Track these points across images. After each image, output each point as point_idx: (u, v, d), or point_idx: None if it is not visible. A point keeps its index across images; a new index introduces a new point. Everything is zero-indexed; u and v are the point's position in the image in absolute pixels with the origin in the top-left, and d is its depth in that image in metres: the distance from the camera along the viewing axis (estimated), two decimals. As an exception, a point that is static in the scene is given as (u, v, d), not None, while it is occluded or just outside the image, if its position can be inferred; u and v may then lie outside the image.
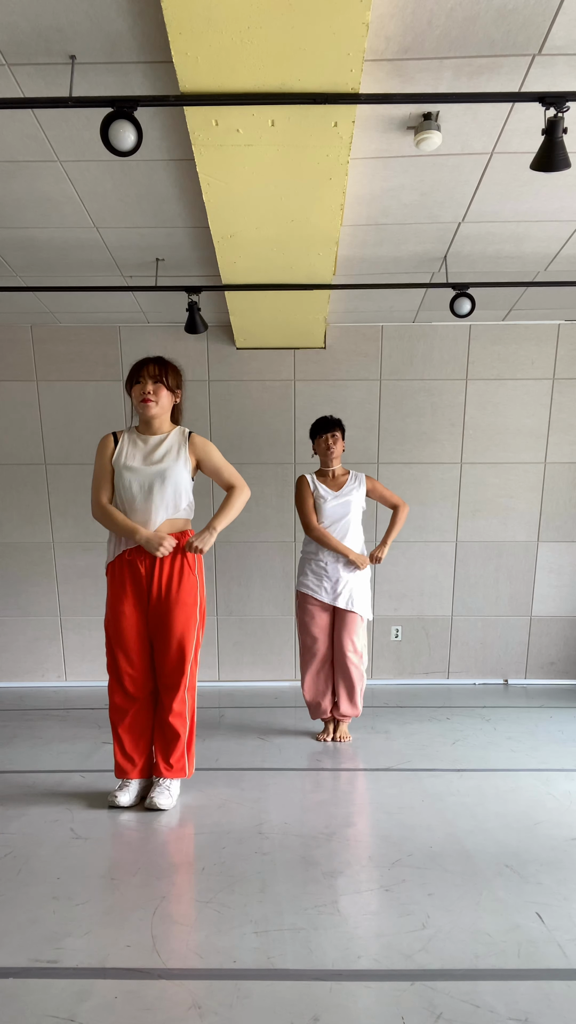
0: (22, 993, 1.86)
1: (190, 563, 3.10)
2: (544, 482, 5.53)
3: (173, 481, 3.05)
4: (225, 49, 2.24)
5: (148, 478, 3.04)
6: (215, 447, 3.22)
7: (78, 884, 2.44)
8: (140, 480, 3.05)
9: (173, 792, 3.12)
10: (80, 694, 5.37)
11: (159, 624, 3.07)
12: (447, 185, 3.36)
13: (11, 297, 4.84)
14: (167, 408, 3.13)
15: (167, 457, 3.08)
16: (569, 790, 3.32)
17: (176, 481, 3.06)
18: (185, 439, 3.14)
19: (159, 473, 3.05)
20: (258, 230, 3.43)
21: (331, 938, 2.10)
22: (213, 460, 3.18)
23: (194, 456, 3.14)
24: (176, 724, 3.07)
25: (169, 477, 3.04)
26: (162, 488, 3.04)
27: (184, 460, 3.09)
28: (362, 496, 4.09)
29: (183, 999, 1.83)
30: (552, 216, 3.67)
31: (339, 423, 4.12)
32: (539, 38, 2.40)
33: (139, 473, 3.05)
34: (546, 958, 2.01)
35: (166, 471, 3.05)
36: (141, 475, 3.05)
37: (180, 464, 3.08)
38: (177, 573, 3.07)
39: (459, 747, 4.00)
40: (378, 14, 2.27)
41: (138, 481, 3.05)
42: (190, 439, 3.15)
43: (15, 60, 2.50)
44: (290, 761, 3.76)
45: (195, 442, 3.15)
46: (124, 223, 3.76)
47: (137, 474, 3.05)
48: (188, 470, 3.11)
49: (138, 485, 3.04)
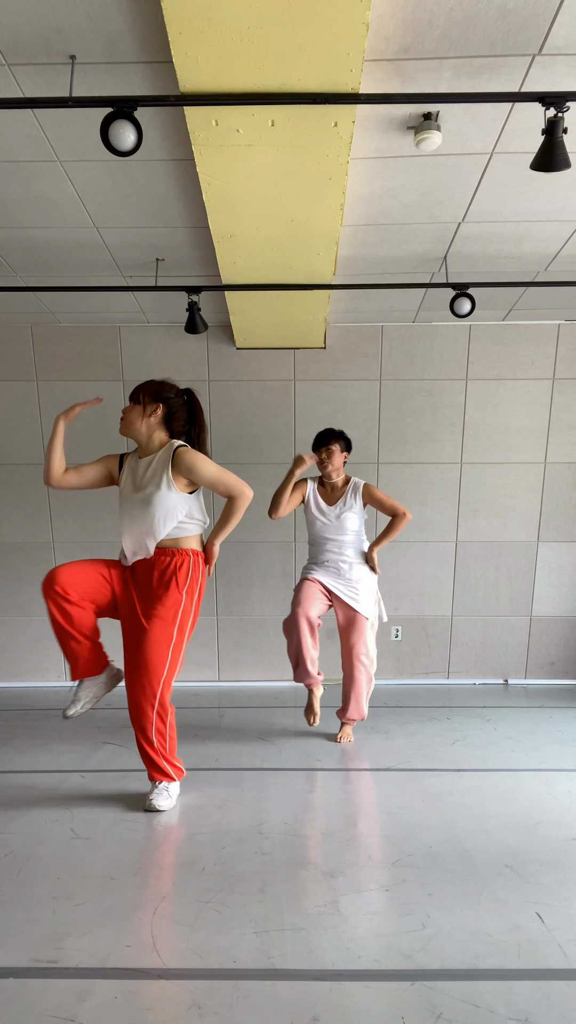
0: (22, 993, 1.86)
1: (179, 582, 3.09)
2: (544, 482, 5.53)
3: (160, 505, 3.05)
4: (225, 49, 2.24)
5: (136, 505, 3.10)
6: (205, 459, 3.12)
7: (78, 884, 2.44)
8: (130, 507, 3.12)
9: (172, 793, 3.12)
10: (80, 694, 5.36)
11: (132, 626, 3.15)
12: (447, 185, 3.36)
13: (11, 297, 4.84)
14: (139, 424, 3.14)
15: (151, 482, 3.09)
16: (569, 790, 3.32)
17: (163, 504, 3.05)
18: (170, 457, 3.09)
19: (144, 500, 3.07)
20: (258, 230, 3.43)
21: (331, 938, 2.10)
22: (204, 474, 3.09)
23: (180, 474, 3.09)
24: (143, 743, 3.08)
25: (154, 502, 3.05)
26: (147, 513, 3.06)
27: (168, 481, 3.06)
28: (359, 509, 4.06)
29: (183, 999, 1.83)
30: (552, 216, 3.67)
31: (338, 435, 4.05)
32: (539, 38, 2.40)
33: (129, 501, 3.13)
34: (546, 958, 2.01)
35: (151, 496, 3.06)
36: (130, 503, 3.12)
37: (163, 487, 3.05)
38: (164, 585, 3.10)
39: (459, 747, 4.00)
40: (378, 14, 2.27)
41: (129, 507, 3.12)
42: (175, 457, 3.08)
43: (15, 60, 2.50)
44: (290, 761, 3.76)
45: (181, 460, 3.07)
46: (124, 223, 3.76)
47: (128, 502, 3.14)
48: (174, 490, 3.07)
49: (129, 512, 3.12)
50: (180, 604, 3.08)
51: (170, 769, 3.12)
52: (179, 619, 3.07)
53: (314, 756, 3.84)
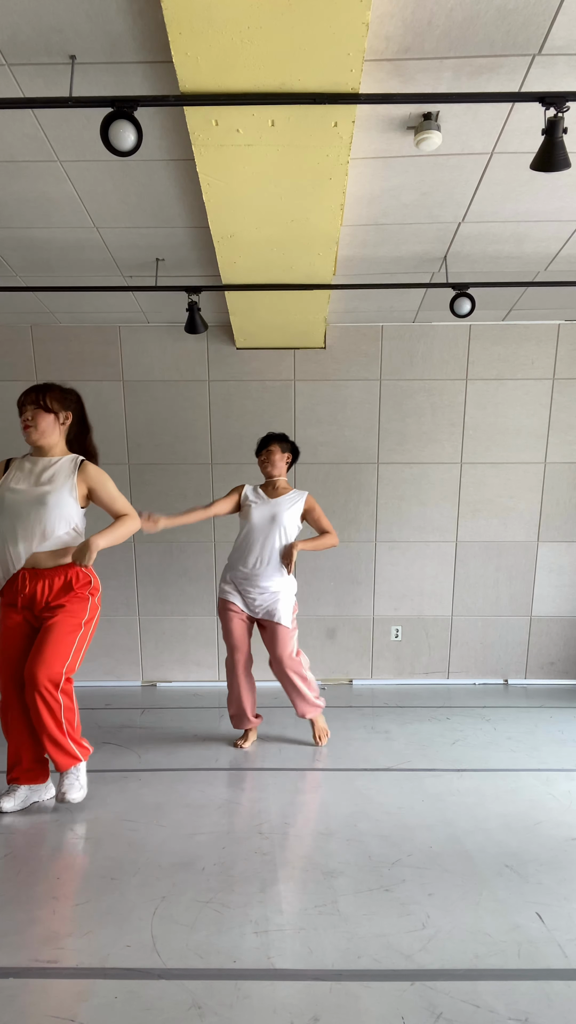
0: (22, 993, 1.86)
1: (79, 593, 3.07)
2: (544, 482, 5.53)
3: (57, 507, 2.98)
4: (225, 49, 2.24)
5: (28, 502, 2.99)
6: (110, 478, 3.13)
7: (78, 884, 2.44)
8: (21, 500, 3.00)
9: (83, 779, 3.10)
10: (80, 694, 5.35)
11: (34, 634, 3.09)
12: (447, 185, 3.36)
13: (11, 297, 4.84)
14: (50, 432, 3.06)
15: (54, 480, 3.02)
16: (569, 790, 3.32)
17: (60, 506, 2.99)
18: (75, 467, 3.07)
19: (39, 498, 2.99)
20: (258, 230, 3.43)
21: (331, 938, 2.10)
22: (108, 489, 3.10)
23: (84, 483, 3.06)
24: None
25: (50, 503, 2.98)
26: (42, 513, 2.97)
27: (71, 487, 3.03)
28: (296, 513, 3.95)
29: (183, 999, 1.83)
30: (552, 216, 3.67)
31: (278, 439, 4.04)
32: (539, 38, 2.40)
33: (22, 494, 3.01)
34: (546, 958, 2.01)
35: (46, 496, 2.99)
36: (24, 496, 3.00)
37: (65, 491, 3.01)
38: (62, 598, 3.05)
39: (459, 747, 4.00)
40: (378, 14, 2.27)
41: (20, 502, 3.00)
42: (81, 466, 3.08)
43: (15, 60, 2.50)
44: (290, 761, 3.76)
45: (87, 471, 3.07)
46: (124, 223, 3.76)
47: (20, 495, 3.01)
48: (75, 497, 3.04)
49: (17, 509, 2.99)
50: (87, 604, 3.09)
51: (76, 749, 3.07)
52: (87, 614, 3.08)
53: (314, 756, 3.84)
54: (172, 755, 3.84)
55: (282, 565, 3.89)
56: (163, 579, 5.60)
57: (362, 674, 5.66)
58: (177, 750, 3.93)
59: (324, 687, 5.53)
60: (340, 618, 5.65)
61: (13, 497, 3.01)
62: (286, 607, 3.92)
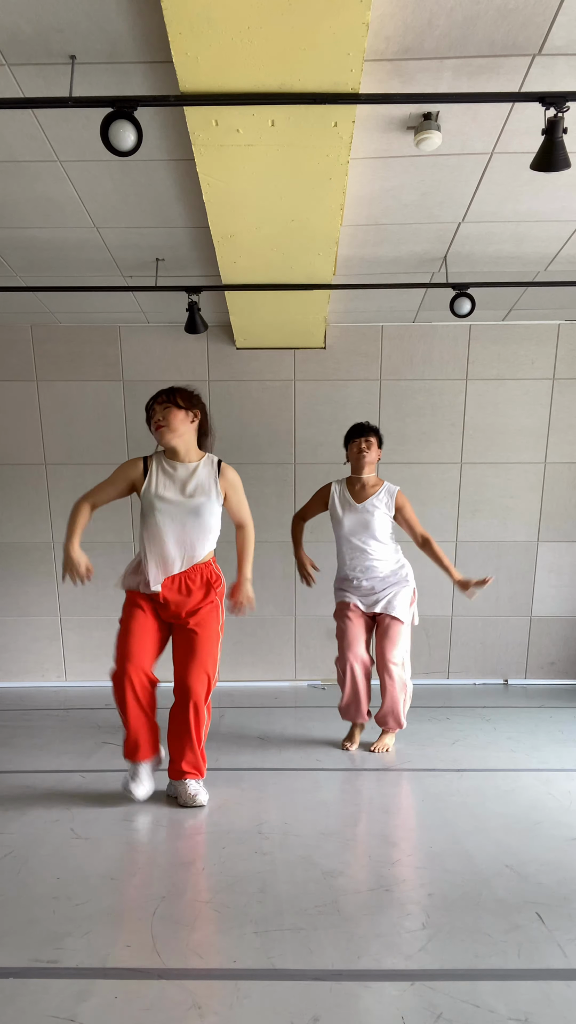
0: (22, 993, 1.86)
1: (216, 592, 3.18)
2: (544, 482, 5.53)
3: (212, 516, 3.08)
4: (225, 49, 2.24)
5: (184, 512, 3.04)
6: (241, 483, 3.20)
7: (78, 884, 2.44)
8: (175, 513, 3.04)
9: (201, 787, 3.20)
10: (80, 694, 5.37)
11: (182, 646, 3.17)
12: (447, 185, 3.36)
13: (11, 297, 4.84)
14: (183, 431, 3.05)
15: (200, 491, 3.06)
16: (569, 790, 3.32)
17: (214, 515, 3.09)
18: (215, 470, 3.12)
19: (195, 509, 3.04)
20: (258, 230, 3.42)
21: (331, 938, 2.10)
22: (240, 494, 3.19)
23: (224, 489, 3.13)
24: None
25: (205, 513, 3.05)
26: (199, 523, 3.05)
27: (217, 494, 3.09)
28: (388, 511, 3.88)
29: (183, 999, 1.83)
30: (552, 216, 3.67)
31: (374, 430, 3.94)
32: (539, 38, 2.40)
33: (174, 505, 3.04)
34: (546, 958, 2.01)
35: (202, 506, 3.04)
36: (177, 508, 3.04)
37: (214, 498, 3.08)
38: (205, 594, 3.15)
39: (459, 747, 4.00)
40: (378, 14, 2.27)
41: (173, 514, 3.04)
42: (220, 471, 3.12)
43: (15, 60, 2.50)
44: (290, 761, 3.76)
45: (226, 475, 3.13)
46: (124, 223, 3.76)
47: (172, 505, 3.04)
48: (220, 502, 3.11)
49: (173, 519, 3.03)
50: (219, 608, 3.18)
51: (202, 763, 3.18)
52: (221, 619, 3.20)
53: (314, 756, 3.84)
54: (172, 755, 3.84)
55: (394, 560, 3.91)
56: (163, 579, 5.59)
57: (362, 674, 5.66)
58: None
59: (324, 687, 5.53)
60: (340, 618, 5.64)
61: (164, 506, 3.03)
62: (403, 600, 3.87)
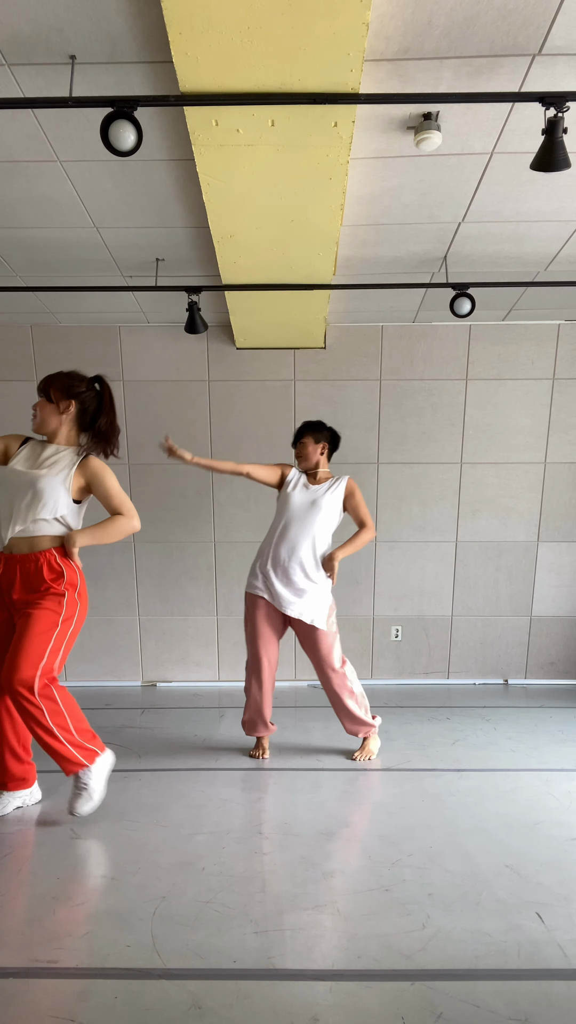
0: (22, 993, 1.86)
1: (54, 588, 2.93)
2: (544, 482, 5.53)
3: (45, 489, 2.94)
4: (225, 49, 2.24)
5: (25, 481, 2.96)
6: (113, 475, 3.07)
7: (78, 884, 2.44)
8: (18, 482, 2.98)
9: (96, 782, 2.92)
10: (79, 694, 5.36)
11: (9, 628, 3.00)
12: (447, 185, 3.36)
13: (11, 297, 4.84)
14: (48, 421, 3.06)
15: (52, 467, 2.99)
16: (569, 790, 3.32)
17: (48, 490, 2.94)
18: (76, 460, 3.03)
19: (34, 479, 2.95)
20: (258, 230, 3.43)
21: (331, 938, 2.10)
22: (105, 484, 3.03)
23: (81, 476, 3.02)
24: None
25: (41, 485, 2.94)
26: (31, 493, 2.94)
27: (66, 476, 2.98)
28: (337, 498, 3.79)
29: (183, 999, 1.83)
30: (552, 216, 3.67)
31: (312, 428, 3.90)
32: (539, 38, 2.40)
33: (20, 476, 2.99)
34: (546, 958, 2.01)
35: (40, 478, 2.95)
36: (21, 478, 2.98)
37: (60, 478, 2.97)
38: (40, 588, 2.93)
39: (459, 747, 4.00)
40: (378, 14, 2.27)
41: (16, 483, 2.98)
42: (83, 460, 3.03)
43: (15, 60, 2.50)
44: (290, 761, 3.76)
45: (88, 464, 3.03)
46: (124, 223, 3.76)
47: (18, 476, 2.99)
48: (67, 487, 2.98)
49: (14, 487, 2.97)
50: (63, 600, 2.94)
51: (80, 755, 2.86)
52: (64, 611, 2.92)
53: (314, 756, 3.84)
54: (172, 755, 3.84)
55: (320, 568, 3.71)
56: (163, 579, 5.60)
57: (362, 674, 5.66)
58: (177, 750, 3.93)
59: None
60: (340, 618, 5.63)
61: (12, 478, 3.00)
62: (321, 609, 3.69)
